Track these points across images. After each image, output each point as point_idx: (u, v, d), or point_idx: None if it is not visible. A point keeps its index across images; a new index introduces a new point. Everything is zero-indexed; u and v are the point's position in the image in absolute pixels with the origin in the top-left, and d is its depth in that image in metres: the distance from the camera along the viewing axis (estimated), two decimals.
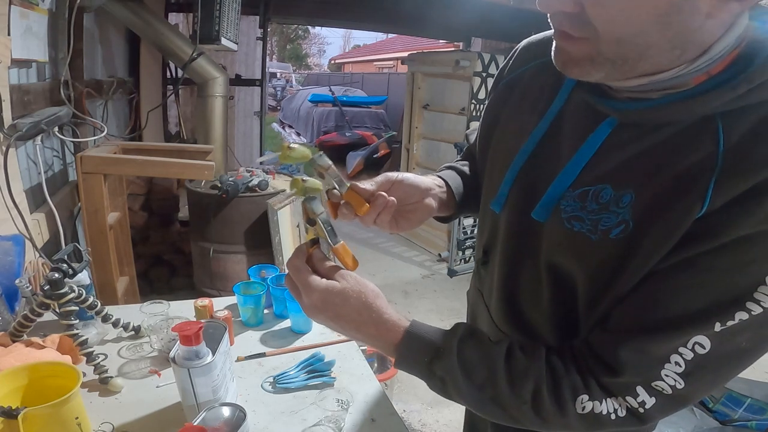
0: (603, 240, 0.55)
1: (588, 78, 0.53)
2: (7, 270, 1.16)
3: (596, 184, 0.56)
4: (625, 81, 0.52)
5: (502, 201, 0.69)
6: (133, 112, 3.12)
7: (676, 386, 0.51)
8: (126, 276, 2.19)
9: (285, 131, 11.95)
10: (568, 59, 0.52)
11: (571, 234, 0.58)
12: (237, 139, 5.46)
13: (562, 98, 0.64)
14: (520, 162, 0.66)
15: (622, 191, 0.54)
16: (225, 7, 2.72)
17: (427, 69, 4.36)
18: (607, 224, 0.54)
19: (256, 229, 2.57)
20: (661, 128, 0.53)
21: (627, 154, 0.54)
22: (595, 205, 0.56)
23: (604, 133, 0.56)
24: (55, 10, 1.78)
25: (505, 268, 0.71)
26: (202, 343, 0.81)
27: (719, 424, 1.97)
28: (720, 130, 0.48)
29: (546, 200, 0.60)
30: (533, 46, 0.74)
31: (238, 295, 1.22)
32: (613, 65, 0.50)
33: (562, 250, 0.60)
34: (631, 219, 0.52)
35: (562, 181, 0.59)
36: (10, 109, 1.39)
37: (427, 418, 2.24)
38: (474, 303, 0.87)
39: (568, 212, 0.58)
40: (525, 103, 0.70)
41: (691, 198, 0.48)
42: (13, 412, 0.67)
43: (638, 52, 0.48)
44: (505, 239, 0.70)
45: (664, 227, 0.50)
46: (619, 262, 0.54)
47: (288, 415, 0.92)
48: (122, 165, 1.88)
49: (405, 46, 15.42)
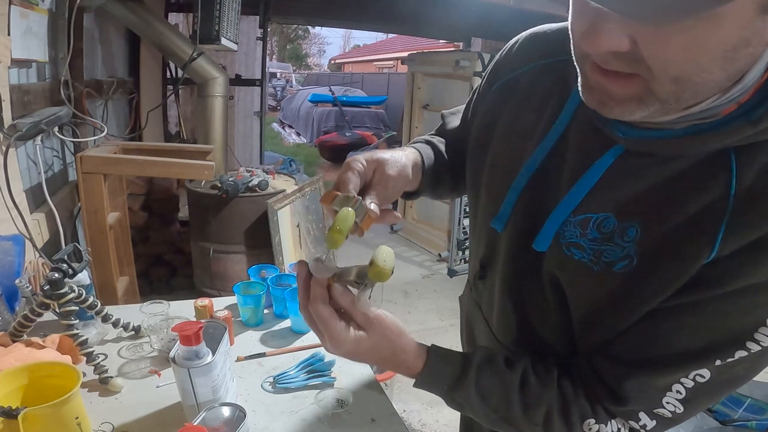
0: (606, 272, 0.54)
1: (627, 117, 0.47)
2: (7, 270, 1.16)
3: (599, 212, 0.54)
4: (662, 117, 0.46)
5: (504, 220, 0.66)
6: (133, 112, 3.12)
7: (675, 411, 0.54)
8: (126, 276, 2.19)
9: (285, 131, 11.95)
10: (607, 99, 0.46)
11: (570, 261, 0.57)
12: (237, 139, 5.46)
13: (567, 114, 0.60)
14: (523, 180, 0.63)
15: (626, 223, 0.52)
16: (225, 7, 2.72)
17: (427, 69, 4.36)
18: (610, 257, 0.53)
19: (256, 229, 2.57)
20: (671, 161, 0.49)
21: (634, 185, 0.52)
22: (596, 233, 0.54)
23: (609, 161, 0.53)
24: (55, 10, 1.78)
25: (507, 286, 0.70)
26: (202, 343, 0.81)
27: (719, 424, 1.97)
28: (733, 168, 0.46)
29: (547, 229, 0.59)
30: (536, 44, 0.69)
31: (238, 295, 1.22)
32: (663, 105, 0.43)
33: (562, 275, 0.60)
34: (636, 255, 0.51)
35: (563, 209, 0.57)
36: (10, 109, 1.39)
37: (427, 418, 2.24)
38: (470, 313, 0.87)
39: (567, 238, 0.57)
40: (525, 109, 0.66)
41: (700, 242, 0.47)
42: (13, 412, 0.67)
43: (695, 90, 0.42)
44: (507, 259, 0.68)
45: (671, 269, 0.49)
46: (620, 296, 0.54)
47: (288, 415, 0.92)
48: (122, 165, 1.88)
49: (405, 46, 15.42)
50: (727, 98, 0.44)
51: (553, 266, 0.60)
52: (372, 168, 0.63)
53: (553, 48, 0.64)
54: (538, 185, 0.62)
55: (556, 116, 0.61)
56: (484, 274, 0.75)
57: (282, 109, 13.45)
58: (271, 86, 15.61)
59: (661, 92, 0.42)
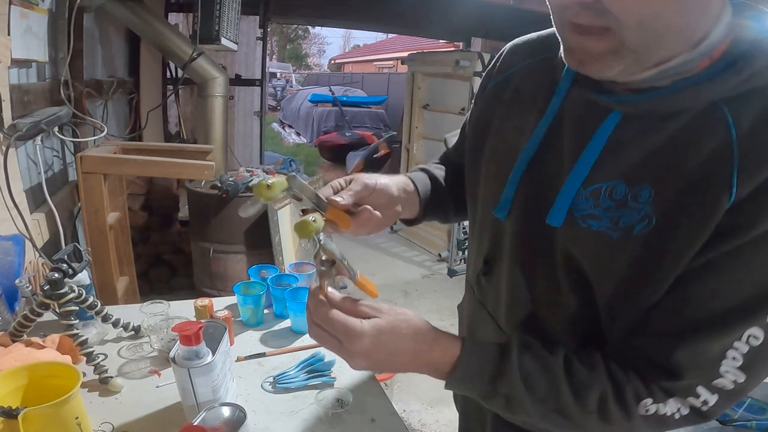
0: (626, 237, 0.53)
1: (606, 73, 0.51)
2: (7, 270, 1.16)
3: (608, 181, 0.55)
4: (640, 73, 0.51)
5: (507, 207, 0.66)
6: (133, 112, 3.12)
7: (737, 381, 0.51)
8: (126, 276, 2.19)
9: (285, 131, 11.95)
10: (586, 56, 0.50)
11: (589, 234, 0.56)
12: (237, 139, 5.46)
13: (559, 97, 0.62)
14: (522, 165, 0.64)
15: (637, 187, 0.53)
16: (225, 7, 2.72)
17: (427, 69, 4.36)
18: (628, 221, 0.53)
19: (256, 229, 2.57)
20: (667, 121, 0.52)
21: (637, 149, 0.54)
22: (609, 202, 0.55)
23: (610, 127, 0.55)
24: (55, 10, 1.79)
25: (516, 276, 0.68)
26: (202, 343, 0.81)
27: (719, 424, 1.97)
28: (728, 117, 0.48)
29: (560, 203, 0.58)
30: (520, 47, 0.73)
31: (238, 295, 1.22)
32: (636, 55, 0.48)
33: (580, 251, 0.58)
34: (654, 214, 0.51)
35: (573, 181, 0.57)
36: (10, 109, 1.39)
37: (427, 418, 2.24)
38: (473, 316, 0.83)
39: (581, 212, 0.57)
40: (518, 105, 0.69)
41: (715, 189, 0.48)
42: (13, 412, 0.67)
43: (658, 35, 0.47)
44: (516, 246, 0.67)
45: (693, 221, 0.49)
46: (646, 260, 0.53)
47: (288, 415, 0.92)
48: (122, 165, 1.88)
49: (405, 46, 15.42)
50: (698, 53, 0.49)
51: (570, 244, 0.58)
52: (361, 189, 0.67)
53: (538, 48, 0.69)
54: (538, 167, 0.63)
55: (548, 103, 0.63)
56: (488, 270, 0.74)
57: (282, 109, 13.45)
58: (271, 86, 15.61)
59: (631, 41, 0.47)
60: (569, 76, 0.61)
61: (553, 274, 0.62)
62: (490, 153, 0.72)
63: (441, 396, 2.35)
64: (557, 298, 0.63)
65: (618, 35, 0.47)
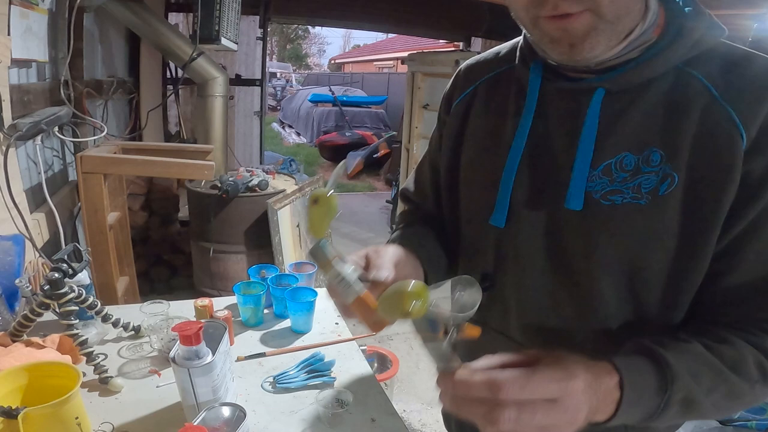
0: (655, 201, 0.54)
1: (595, 51, 0.53)
2: (7, 270, 1.16)
3: (615, 155, 0.56)
4: (615, 48, 0.54)
5: (504, 213, 0.64)
6: (133, 112, 3.12)
7: None
8: (126, 276, 2.19)
9: (285, 131, 11.95)
10: (574, 39, 0.52)
11: (614, 210, 0.56)
12: (237, 139, 5.45)
13: (533, 97, 0.62)
14: (512, 168, 0.63)
15: (645, 152, 0.55)
16: (225, 7, 2.72)
17: (427, 69, 4.35)
18: (649, 185, 0.54)
19: (256, 229, 2.57)
20: (648, 89, 0.56)
21: (630, 120, 0.56)
22: (622, 174, 0.56)
23: (598, 105, 0.57)
24: (55, 10, 1.78)
25: (529, 282, 0.64)
26: (202, 343, 0.81)
27: (719, 424, 1.97)
28: (699, 76, 0.54)
29: (575, 184, 0.57)
30: (475, 66, 0.74)
31: (238, 295, 1.22)
32: (612, 26, 0.52)
33: (610, 233, 0.56)
34: (674, 171, 0.53)
35: (582, 163, 0.57)
36: (10, 109, 1.39)
37: (427, 418, 2.24)
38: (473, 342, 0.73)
39: (599, 191, 0.57)
40: (490, 113, 0.68)
41: (723, 133, 0.52)
42: (13, 412, 0.67)
43: (624, 5, 0.51)
44: (525, 249, 0.64)
45: (716, 167, 0.52)
46: (688, 219, 0.53)
47: (288, 415, 0.92)
48: (122, 165, 1.88)
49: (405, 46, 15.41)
50: (648, 22, 0.55)
51: (597, 229, 0.57)
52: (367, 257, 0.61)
53: (495, 64, 0.71)
54: (533, 165, 0.63)
55: (522, 105, 0.63)
56: (489, 285, 0.69)
57: (282, 109, 13.44)
58: (271, 86, 15.61)
59: (607, 13, 0.50)
60: (537, 76, 0.62)
61: (574, 270, 0.60)
62: (469, 167, 0.70)
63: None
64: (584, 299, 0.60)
65: (595, 13, 0.50)
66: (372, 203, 6.03)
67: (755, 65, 0.54)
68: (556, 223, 0.61)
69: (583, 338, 0.63)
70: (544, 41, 0.55)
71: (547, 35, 0.54)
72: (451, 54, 4.17)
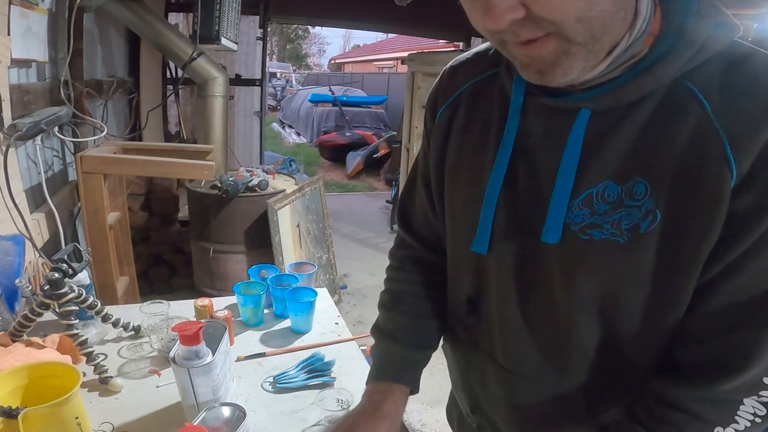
0: (635, 239, 0.50)
1: (570, 75, 0.48)
2: (7, 270, 1.16)
3: (597, 184, 0.52)
4: (596, 68, 0.48)
5: (486, 239, 0.61)
6: (133, 112, 3.12)
7: None
8: (126, 276, 2.19)
9: (285, 131, 11.95)
10: (543, 65, 0.48)
11: (591, 245, 0.52)
12: (237, 139, 5.46)
13: (515, 114, 0.58)
14: (495, 191, 0.59)
15: (629, 183, 0.50)
16: (225, 7, 2.72)
17: (427, 69, 4.35)
18: (630, 221, 0.50)
19: (256, 229, 2.57)
20: (636, 108, 0.50)
21: (616, 145, 0.51)
22: (604, 206, 0.51)
23: (582, 127, 0.52)
24: (55, 10, 1.79)
25: (510, 312, 0.62)
26: (202, 343, 0.81)
27: None
28: (695, 90, 0.48)
29: (552, 216, 0.54)
30: (459, 68, 0.69)
31: (238, 295, 1.22)
32: (587, 48, 0.46)
33: (586, 268, 0.53)
34: (657, 207, 0.48)
35: (561, 191, 0.53)
36: (10, 109, 1.39)
37: (427, 418, 2.24)
38: (465, 357, 0.74)
39: (578, 224, 0.53)
40: (472, 130, 0.64)
41: (712, 164, 0.46)
42: (13, 412, 0.67)
43: (600, 23, 0.44)
44: (504, 280, 0.61)
45: (701, 204, 0.47)
46: (666, 260, 0.49)
47: (288, 415, 0.92)
48: (122, 165, 1.88)
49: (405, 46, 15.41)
50: (638, 31, 0.48)
51: (573, 263, 0.54)
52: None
53: (479, 66, 0.66)
54: (513, 189, 0.58)
55: (504, 121, 0.59)
56: (474, 309, 0.68)
57: (282, 109, 13.44)
58: (271, 86, 15.61)
59: (576, 36, 0.44)
60: (520, 89, 0.58)
61: (552, 301, 0.58)
62: (453, 186, 0.66)
63: (441, 396, 2.35)
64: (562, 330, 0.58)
65: (563, 36, 0.45)
66: (372, 203, 6.03)
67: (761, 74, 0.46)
68: (533, 254, 0.58)
69: (563, 367, 0.61)
70: (517, 65, 0.52)
71: (516, 60, 0.51)
72: (451, 54, 4.17)
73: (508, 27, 0.45)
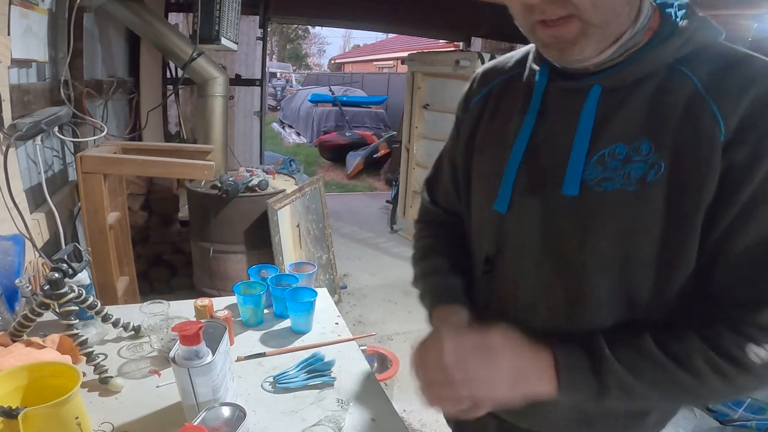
0: (643, 188, 0.58)
1: (585, 53, 0.59)
2: (7, 270, 1.16)
3: (608, 146, 0.61)
4: (606, 51, 0.60)
5: (507, 199, 0.69)
6: (133, 112, 3.12)
7: None
8: (126, 276, 2.19)
9: (285, 131, 11.95)
10: (563, 44, 0.58)
11: (605, 195, 0.61)
12: (237, 139, 5.46)
13: (538, 96, 0.68)
14: (517, 159, 0.68)
15: (635, 143, 0.59)
16: (225, 7, 2.72)
17: (427, 69, 4.35)
18: (638, 172, 0.59)
19: (256, 229, 2.57)
20: (640, 85, 0.60)
21: (623, 114, 0.61)
22: (615, 162, 0.60)
23: (594, 100, 0.62)
24: (55, 10, 1.78)
25: (529, 262, 0.69)
26: (202, 343, 0.81)
27: (719, 424, 1.97)
28: (688, 73, 0.58)
29: (571, 171, 0.63)
30: (491, 71, 0.81)
31: (238, 295, 1.22)
32: (600, 31, 0.57)
33: (601, 218, 0.61)
34: (660, 160, 0.58)
35: (578, 152, 0.62)
36: (10, 109, 1.39)
37: (427, 418, 2.24)
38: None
39: (593, 179, 0.61)
40: (501, 111, 0.75)
41: (704, 124, 0.56)
42: (13, 412, 0.67)
43: (611, 10, 0.56)
44: (524, 233, 0.69)
45: (697, 155, 0.56)
46: (672, 205, 0.57)
47: (288, 415, 0.92)
48: (122, 165, 1.88)
49: (405, 46, 15.40)
50: (640, 26, 0.60)
51: (590, 213, 0.62)
52: None
53: (507, 69, 0.78)
54: (535, 156, 0.68)
55: (529, 102, 0.70)
56: (489, 269, 0.75)
57: (282, 109, 13.43)
58: (271, 86, 15.60)
59: (593, 18, 0.56)
60: (543, 76, 0.68)
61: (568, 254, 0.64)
62: (480, 160, 0.76)
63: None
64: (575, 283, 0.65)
65: (581, 19, 0.56)
66: (372, 203, 6.03)
67: (744, 63, 0.57)
68: (553, 208, 0.65)
69: (576, 321, 0.66)
70: (539, 45, 0.63)
71: (540, 40, 0.61)
72: (451, 54, 4.17)
73: (539, 3, 0.56)
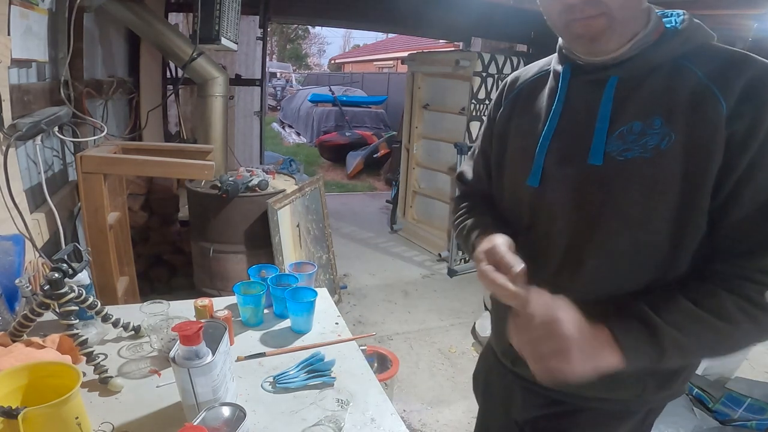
0: (657, 155, 0.70)
1: (610, 45, 0.73)
2: (7, 270, 1.16)
3: (626, 123, 0.74)
4: (624, 46, 0.74)
5: (539, 174, 0.82)
6: (133, 112, 3.12)
7: None
8: (126, 276, 2.19)
9: (285, 131, 11.95)
10: (593, 36, 0.71)
11: (626, 163, 0.73)
12: (237, 139, 5.45)
13: (563, 89, 0.82)
14: (546, 140, 0.82)
15: (649, 119, 0.72)
16: (225, 7, 2.72)
17: (427, 69, 4.35)
18: (653, 142, 0.71)
19: (256, 229, 2.57)
20: (651, 75, 0.74)
21: (637, 97, 0.74)
22: (633, 136, 0.73)
23: (612, 87, 0.75)
24: (55, 10, 1.78)
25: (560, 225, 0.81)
26: (202, 343, 0.81)
27: (719, 424, 1.97)
28: (691, 66, 0.71)
29: (596, 144, 0.75)
30: (518, 76, 0.95)
31: (238, 295, 1.22)
32: (622, 28, 0.71)
33: (623, 182, 0.73)
34: (671, 131, 0.70)
35: (601, 128, 0.75)
36: (10, 109, 1.39)
37: (427, 418, 2.24)
38: None
39: (614, 151, 0.74)
40: (531, 103, 0.89)
41: (708, 103, 0.68)
42: (13, 412, 0.67)
43: (633, 10, 0.71)
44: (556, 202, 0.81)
45: (704, 126, 0.68)
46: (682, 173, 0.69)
47: (288, 415, 0.92)
48: (122, 165, 1.88)
49: (405, 46, 15.39)
50: (650, 28, 0.74)
51: (613, 180, 0.74)
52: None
53: (533, 72, 0.93)
54: (562, 138, 0.81)
55: (555, 94, 0.83)
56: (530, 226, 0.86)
57: (282, 109, 13.43)
58: (271, 86, 15.60)
59: (618, 17, 0.69)
60: (567, 73, 0.82)
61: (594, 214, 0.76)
62: (514, 143, 0.90)
63: (441, 396, 2.36)
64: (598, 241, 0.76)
65: (608, 16, 0.69)
66: (372, 203, 6.03)
67: (738, 57, 0.70)
68: (580, 177, 0.77)
69: (598, 279, 0.78)
70: (572, 39, 0.76)
71: (574, 33, 0.73)
72: (451, 54, 4.17)
73: (579, 3, 0.68)
